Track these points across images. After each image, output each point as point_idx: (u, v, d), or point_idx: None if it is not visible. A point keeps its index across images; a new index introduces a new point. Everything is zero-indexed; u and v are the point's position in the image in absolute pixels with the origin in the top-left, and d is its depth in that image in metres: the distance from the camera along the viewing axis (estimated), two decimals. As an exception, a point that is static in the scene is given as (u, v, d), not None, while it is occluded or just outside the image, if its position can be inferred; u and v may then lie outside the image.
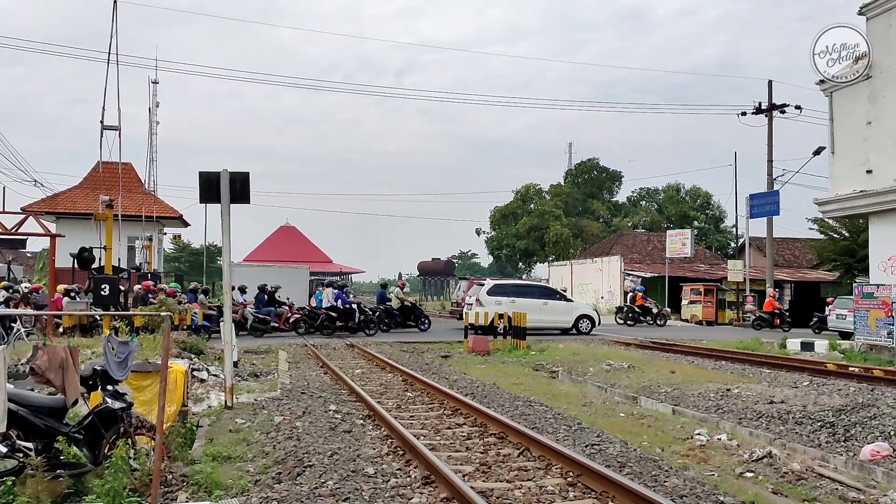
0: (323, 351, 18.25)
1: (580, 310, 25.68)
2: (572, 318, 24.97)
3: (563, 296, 26.16)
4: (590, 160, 70.97)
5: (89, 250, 15.25)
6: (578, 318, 25.09)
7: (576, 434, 8.60)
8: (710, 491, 6.29)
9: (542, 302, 24.39)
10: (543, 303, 24.41)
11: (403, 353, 18.53)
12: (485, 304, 22.92)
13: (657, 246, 48.07)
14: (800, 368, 15.34)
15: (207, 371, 12.86)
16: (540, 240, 61.14)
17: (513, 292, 24.34)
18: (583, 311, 25.72)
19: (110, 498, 5.16)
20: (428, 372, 14.38)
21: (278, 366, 15.20)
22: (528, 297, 24.14)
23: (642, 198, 74.43)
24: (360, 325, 23.25)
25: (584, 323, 25.07)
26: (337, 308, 23.15)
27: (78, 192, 32.31)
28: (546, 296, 25.19)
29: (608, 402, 11.56)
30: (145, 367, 7.70)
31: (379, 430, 8.81)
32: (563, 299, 25.48)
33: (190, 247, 62.77)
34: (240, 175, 10.38)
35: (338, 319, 23.14)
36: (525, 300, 23.73)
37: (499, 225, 66.26)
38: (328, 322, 23.03)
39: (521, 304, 23.10)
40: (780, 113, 33.16)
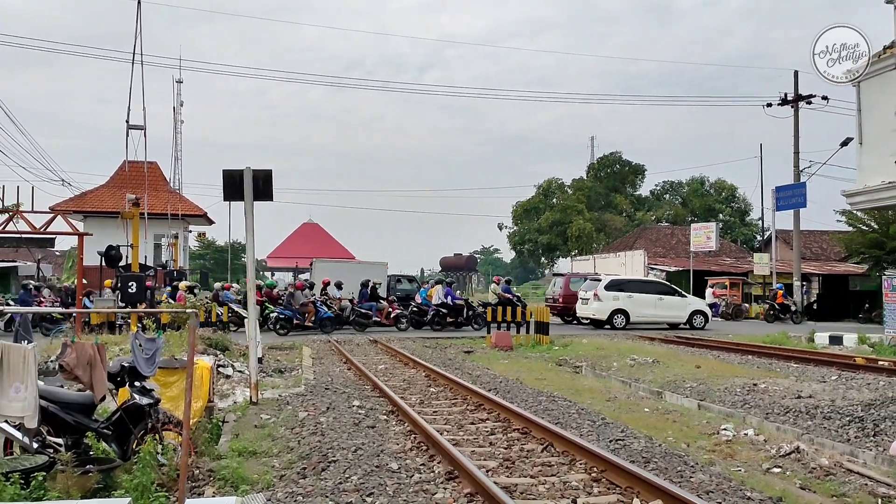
0: (346, 347, 18.34)
1: (694, 305, 25.86)
2: (686, 313, 25.23)
3: (679, 291, 26.38)
4: (612, 154, 70.54)
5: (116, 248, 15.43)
6: (693, 313, 25.31)
7: (600, 429, 8.56)
8: (736, 487, 6.23)
9: (657, 297, 24.89)
10: (659, 298, 24.88)
11: (426, 348, 18.56)
12: (603, 299, 23.95)
13: (681, 239, 47.64)
14: (828, 363, 15.13)
15: (232, 367, 12.98)
16: (562, 234, 60.88)
17: (629, 288, 24.98)
18: (697, 306, 25.89)
19: (138, 493, 5.23)
20: (451, 367, 14.40)
21: (302, 362, 15.31)
22: (644, 293, 24.76)
23: (666, 191, 73.80)
24: (467, 321, 23.72)
25: (697, 318, 25.26)
26: (447, 304, 23.55)
27: (105, 191, 32.74)
28: (661, 291, 25.51)
29: (632, 398, 11.49)
30: (171, 364, 7.79)
31: (402, 425, 8.84)
32: (678, 295, 25.75)
33: (214, 244, 63.39)
34: (263, 173, 10.46)
35: (448, 315, 23.59)
36: (641, 295, 24.51)
37: (521, 220, 66.09)
38: (439, 318, 23.47)
39: (638, 299, 24.23)
40: (806, 104, 32.67)
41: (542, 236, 62.32)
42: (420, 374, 13.53)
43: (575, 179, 68.32)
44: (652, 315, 24.60)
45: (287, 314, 21.91)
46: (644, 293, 24.77)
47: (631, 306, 24.30)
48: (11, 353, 5.23)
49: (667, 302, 24.90)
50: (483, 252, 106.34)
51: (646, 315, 24.37)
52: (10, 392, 5.18)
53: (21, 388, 5.20)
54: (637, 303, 24.24)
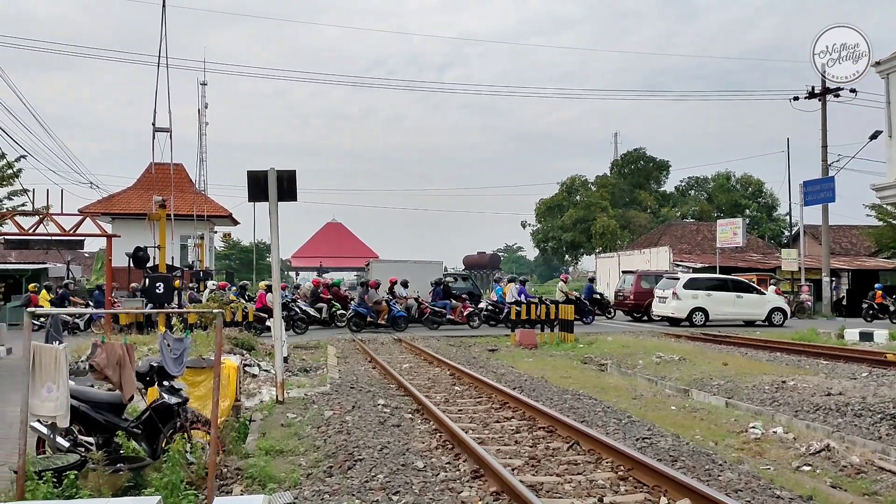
0: (371, 346, 18.41)
1: (773, 302, 25.75)
2: (765, 310, 25.20)
3: (757, 289, 26.31)
4: (636, 150, 69.98)
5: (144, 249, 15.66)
6: (772, 310, 25.26)
7: (626, 427, 8.51)
8: (765, 485, 6.16)
9: (735, 295, 24.87)
10: (738, 296, 24.87)
11: (451, 347, 18.57)
12: (682, 297, 24.09)
13: (707, 236, 47.16)
14: (858, 359, 14.91)
15: (259, 367, 13.09)
16: (586, 232, 60.60)
17: (708, 286, 25.06)
18: (775, 303, 25.77)
19: (168, 491, 5.30)
20: (475, 366, 14.39)
21: (327, 361, 15.39)
22: (722, 291, 24.80)
23: (691, 187, 73.11)
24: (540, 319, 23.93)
25: (776, 315, 25.19)
26: (521, 302, 23.67)
27: (132, 193, 33.19)
28: (739, 289, 25.43)
29: (659, 396, 11.41)
30: (199, 364, 7.87)
31: (427, 423, 8.86)
32: (756, 292, 25.70)
33: (240, 244, 63.93)
34: (287, 173, 10.53)
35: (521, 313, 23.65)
36: (720, 293, 24.59)
37: (544, 217, 65.87)
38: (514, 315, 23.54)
39: (717, 297, 24.34)
40: (834, 97, 32.17)
41: (566, 234, 62.08)
42: (444, 373, 13.55)
43: (599, 176, 67.98)
44: (731, 313, 24.63)
45: (362, 311, 22.45)
46: (722, 291, 24.82)
47: (710, 304, 24.34)
48: (43, 353, 5.32)
49: (745, 299, 24.93)
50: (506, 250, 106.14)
51: (725, 313, 24.41)
52: (43, 392, 5.27)
53: (53, 388, 5.28)
54: (716, 301, 24.31)
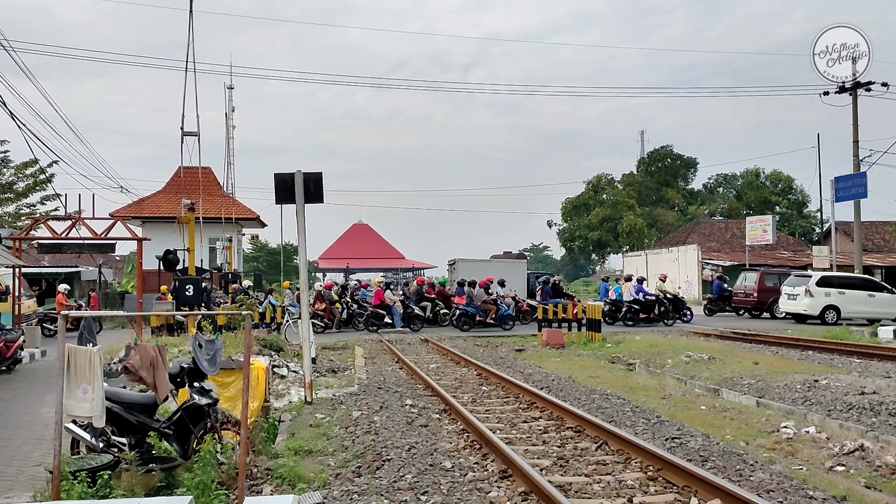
0: (398, 346, 18.47)
1: None
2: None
3: (888, 287, 26.11)
4: (663, 147, 69.33)
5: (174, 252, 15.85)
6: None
7: (655, 427, 8.45)
8: (798, 485, 6.07)
9: (867, 294, 24.82)
10: (870, 295, 24.81)
11: (477, 347, 18.56)
12: (815, 294, 24.22)
13: (736, 233, 46.61)
14: (892, 358, 14.63)
15: (287, 367, 13.20)
16: (613, 230, 60.20)
17: (840, 284, 25.04)
18: None
19: (199, 491, 5.36)
20: (502, 366, 14.37)
21: (355, 361, 15.47)
22: (854, 289, 24.79)
23: (719, 184, 72.23)
24: (660, 316, 24.19)
25: None
26: (639, 300, 24.07)
27: (161, 196, 33.61)
28: (871, 288, 25.35)
29: (688, 395, 11.30)
30: (228, 365, 7.96)
31: (455, 424, 8.86)
32: (888, 292, 25.56)
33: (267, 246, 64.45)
34: (313, 175, 10.61)
35: (641, 311, 24.12)
36: (853, 292, 24.58)
37: (571, 216, 65.53)
38: (631, 314, 23.99)
39: (850, 295, 24.39)
40: (865, 91, 31.54)
41: (593, 233, 61.71)
42: (472, 373, 13.55)
43: (625, 174, 67.45)
44: (863, 311, 24.59)
45: (470, 311, 22.92)
46: (855, 289, 24.73)
47: (842, 302, 24.26)
48: (78, 355, 5.41)
49: (878, 298, 24.77)
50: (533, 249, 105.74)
51: (857, 311, 24.42)
52: (78, 393, 5.36)
53: (88, 389, 5.38)
54: (849, 299, 24.28)
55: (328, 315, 23.04)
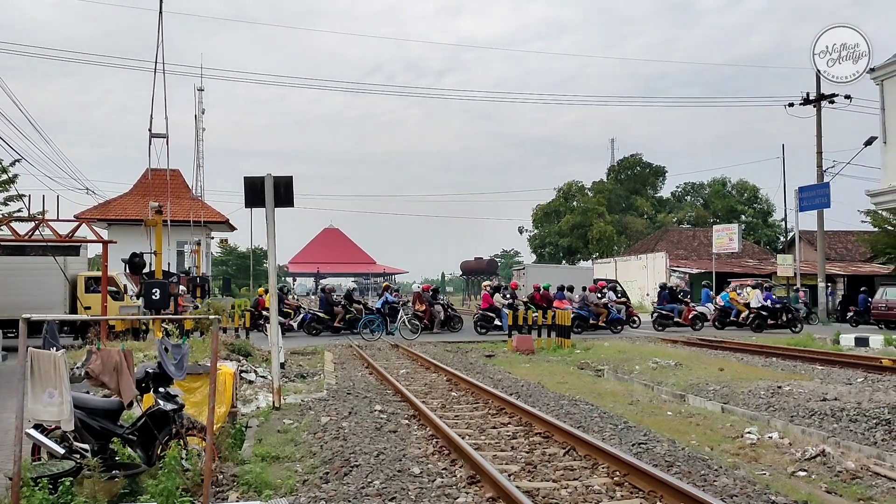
0: (367, 352, 18.40)
1: None
2: None
3: None
4: (633, 156, 70.24)
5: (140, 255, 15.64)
6: None
7: (622, 433, 8.52)
8: (761, 490, 6.17)
9: None
10: None
11: (447, 353, 18.56)
12: None
13: (703, 241, 47.25)
14: (853, 364, 14.93)
15: (255, 373, 13.07)
16: (583, 237, 60.65)
17: None
18: None
19: (164, 498, 5.29)
20: (472, 372, 14.39)
21: (324, 367, 15.38)
22: None
23: (687, 193, 73.27)
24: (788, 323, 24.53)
25: None
26: (767, 307, 24.68)
27: (128, 198, 33.15)
28: None
29: (655, 401, 11.42)
30: (195, 370, 7.86)
31: (424, 429, 8.85)
32: None
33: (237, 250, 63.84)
34: (283, 179, 10.55)
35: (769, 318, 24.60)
36: None
37: (541, 223, 65.93)
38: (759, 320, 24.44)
39: None
40: (829, 103, 32.27)
41: (563, 239, 62.12)
42: (441, 379, 13.54)
43: (595, 182, 68.11)
44: None
45: (584, 314, 23.82)
46: None
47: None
48: (41, 359, 5.31)
49: None
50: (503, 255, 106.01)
51: None
52: (44, 397, 5.26)
53: (55, 394, 5.28)
54: None
55: (428, 316, 23.40)
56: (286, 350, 15.94)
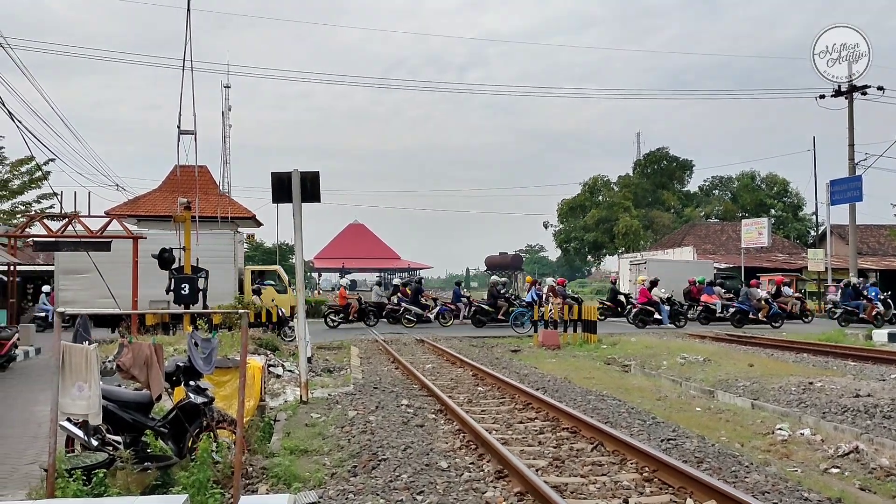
0: (394, 347, 18.45)
1: None
2: None
3: None
4: (659, 150, 69.45)
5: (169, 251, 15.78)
6: None
7: (651, 429, 8.46)
8: (793, 487, 6.08)
9: None
10: None
11: (472, 347, 18.56)
12: None
13: (732, 236, 46.72)
14: (887, 360, 14.67)
15: (283, 367, 13.18)
16: (609, 232, 60.30)
17: None
18: None
19: (195, 489, 5.34)
20: (498, 366, 14.38)
21: (350, 361, 15.46)
22: None
23: (715, 187, 72.44)
24: None
25: None
26: None
27: (157, 194, 33.50)
28: None
29: (683, 397, 11.32)
30: (225, 364, 7.94)
31: (451, 424, 8.86)
32: None
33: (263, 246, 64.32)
34: (310, 174, 10.60)
35: None
36: None
37: (567, 218, 65.65)
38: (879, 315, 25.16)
39: None
40: (861, 94, 31.65)
41: (588, 234, 61.83)
42: (467, 374, 13.55)
43: (621, 176, 67.59)
44: None
45: (745, 308, 24.76)
46: None
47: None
48: (73, 353, 5.39)
49: None
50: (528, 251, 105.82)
51: None
52: (74, 391, 5.34)
53: (84, 387, 5.36)
54: None
55: None
56: (313, 345, 16.03)
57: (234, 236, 21.47)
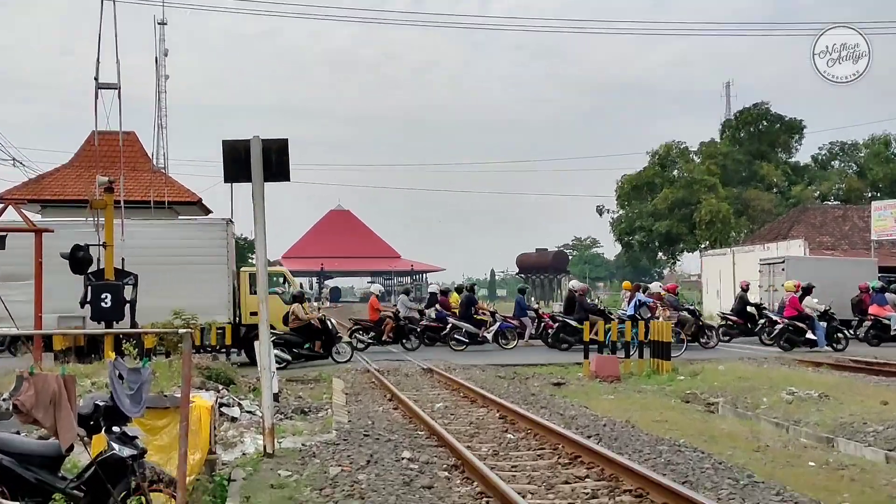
0: (391, 377, 18.50)
1: None
2: None
3: None
4: (757, 106, 69.11)
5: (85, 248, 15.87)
6: None
7: (746, 491, 8.44)
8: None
9: None
10: None
11: (500, 379, 18.58)
12: None
13: (857, 224, 46.50)
14: None
15: (240, 407, 13.24)
16: (687, 219, 60.13)
17: None
18: None
19: (121, 574, 5.37)
20: (534, 405, 14.38)
21: (332, 398, 15.51)
22: None
23: (834, 156, 72.15)
24: None
25: None
26: None
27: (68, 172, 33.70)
28: None
29: (791, 447, 11.29)
30: (160, 403, 7.97)
31: (470, 485, 8.88)
32: None
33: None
34: (276, 143, 10.64)
35: None
36: None
37: (629, 200, 65.53)
38: None
39: None
40: None
41: (659, 223, 61.67)
42: (492, 415, 13.56)
43: (704, 143, 67.42)
44: None
45: None
46: None
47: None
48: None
49: None
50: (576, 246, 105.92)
51: None
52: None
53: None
54: None
55: None
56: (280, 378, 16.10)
57: (227, 227, 21.73)
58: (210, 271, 20.48)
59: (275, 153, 10.60)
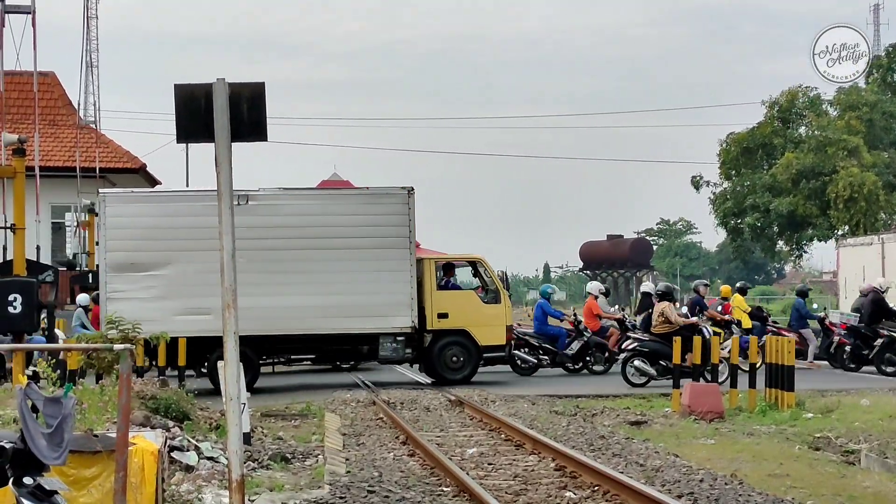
0: (403, 413, 18.53)
1: None
2: None
3: None
4: (917, 37, 68.51)
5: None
6: None
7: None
8: None
9: None
10: None
11: (557, 415, 18.57)
12: None
13: None
14: None
15: (198, 451, 13.29)
16: (819, 195, 59.54)
17: None
18: None
19: None
20: (604, 452, 14.38)
21: (324, 440, 15.54)
22: None
23: None
24: None
25: None
26: None
27: (-38, 127, 33.97)
28: None
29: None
30: (89, 446, 8.03)
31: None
32: None
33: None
34: (248, 89, 10.65)
35: None
36: None
37: (737, 169, 64.94)
38: None
39: None
40: None
41: (780, 199, 61.06)
42: (546, 466, 13.58)
43: (843, 89, 66.80)
44: None
45: None
46: None
47: None
48: None
49: None
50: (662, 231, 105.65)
51: None
52: None
53: None
54: None
55: None
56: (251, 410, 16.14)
57: (408, 198, 22.25)
58: (387, 258, 21.00)
59: (247, 102, 10.62)
